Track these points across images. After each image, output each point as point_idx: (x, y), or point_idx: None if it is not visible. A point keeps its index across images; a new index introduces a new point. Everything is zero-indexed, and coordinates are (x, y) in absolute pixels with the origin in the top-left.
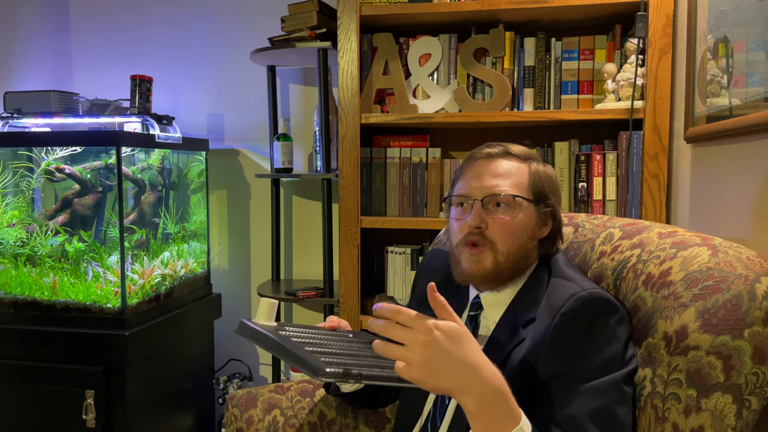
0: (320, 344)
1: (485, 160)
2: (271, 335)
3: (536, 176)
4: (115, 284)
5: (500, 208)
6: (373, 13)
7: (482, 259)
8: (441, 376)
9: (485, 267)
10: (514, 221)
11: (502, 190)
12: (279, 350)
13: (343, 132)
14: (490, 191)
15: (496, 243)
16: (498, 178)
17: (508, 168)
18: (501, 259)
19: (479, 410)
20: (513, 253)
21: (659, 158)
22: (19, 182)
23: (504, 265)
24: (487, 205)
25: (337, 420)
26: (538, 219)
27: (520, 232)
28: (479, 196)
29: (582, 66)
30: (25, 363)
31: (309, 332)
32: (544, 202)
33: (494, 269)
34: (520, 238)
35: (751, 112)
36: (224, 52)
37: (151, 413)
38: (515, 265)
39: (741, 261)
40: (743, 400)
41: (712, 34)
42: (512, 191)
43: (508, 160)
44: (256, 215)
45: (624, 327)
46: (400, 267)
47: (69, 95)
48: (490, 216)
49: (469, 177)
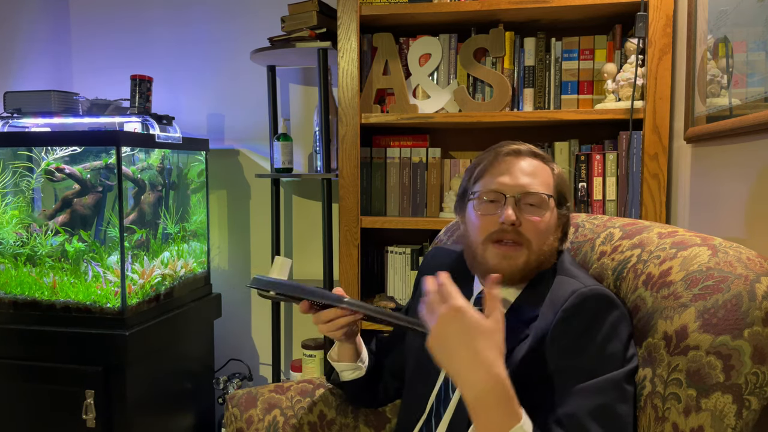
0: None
1: (513, 157)
2: (288, 282)
3: (559, 179)
4: (115, 284)
5: (533, 207)
6: (373, 13)
7: (516, 257)
8: (446, 354)
9: (518, 264)
10: (544, 221)
11: (537, 189)
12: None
13: (343, 132)
14: (526, 189)
15: (531, 242)
16: (529, 176)
17: (536, 167)
18: (533, 258)
19: (476, 403)
20: (543, 252)
21: (659, 158)
22: (18, 182)
23: (533, 264)
24: (520, 203)
25: (337, 420)
26: (557, 221)
27: (548, 232)
28: (512, 192)
29: (582, 66)
30: (25, 363)
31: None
32: (565, 205)
33: (525, 267)
34: (548, 237)
35: (751, 112)
36: (224, 52)
37: (151, 413)
38: (541, 265)
39: (741, 261)
40: (743, 400)
41: (712, 34)
42: (545, 191)
43: (534, 159)
44: (256, 215)
45: (625, 325)
46: (400, 267)
47: (69, 95)
48: (523, 214)
49: (497, 173)
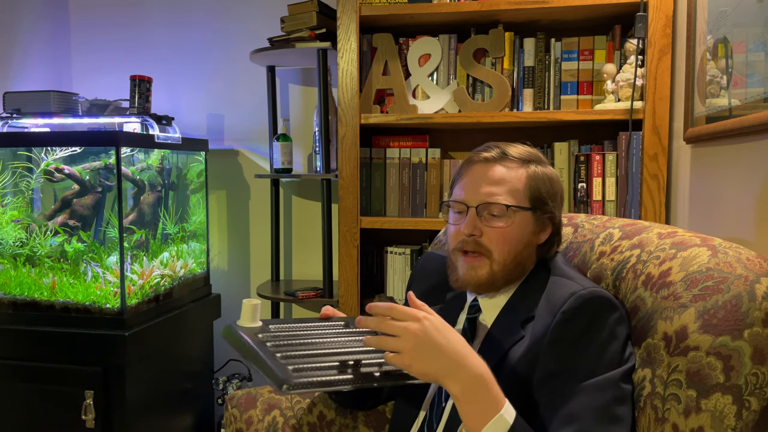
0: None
1: (482, 165)
2: (249, 341)
3: (534, 181)
4: (114, 284)
5: (495, 216)
6: (372, 13)
7: (477, 267)
8: (429, 362)
9: (480, 275)
10: (509, 229)
11: (496, 200)
12: (251, 358)
13: (343, 132)
14: (484, 199)
15: (492, 251)
16: (493, 185)
17: (503, 174)
18: (496, 268)
19: (464, 395)
20: (509, 261)
21: (659, 159)
22: (18, 182)
23: (499, 273)
24: (482, 213)
25: (337, 420)
26: (535, 225)
27: (515, 240)
28: (474, 203)
29: (581, 66)
30: (25, 363)
31: (294, 330)
32: (542, 208)
33: (489, 277)
34: (515, 246)
35: (750, 112)
36: (224, 53)
37: (150, 413)
38: (510, 273)
39: (741, 261)
40: (743, 400)
41: (712, 35)
42: (507, 200)
43: (506, 164)
44: (255, 215)
45: (623, 326)
46: (399, 267)
47: (68, 95)
48: (485, 224)
49: (465, 182)
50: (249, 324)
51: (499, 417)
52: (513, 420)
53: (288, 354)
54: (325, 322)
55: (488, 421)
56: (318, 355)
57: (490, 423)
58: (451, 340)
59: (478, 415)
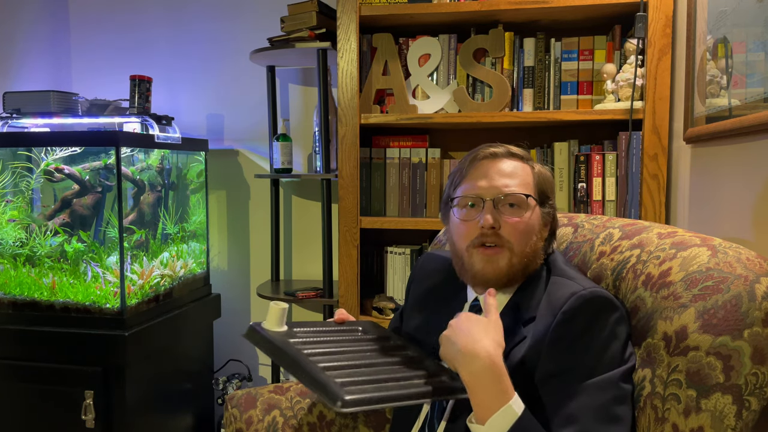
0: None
1: (490, 160)
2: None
3: (539, 177)
4: (114, 284)
5: (512, 208)
6: (372, 13)
7: (498, 259)
8: (449, 343)
9: (501, 266)
10: (525, 221)
11: (514, 190)
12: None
13: (343, 132)
14: (502, 191)
15: (512, 243)
16: (506, 177)
17: (514, 168)
18: (515, 260)
19: (473, 380)
20: (527, 253)
21: (659, 159)
22: (18, 182)
23: (518, 266)
24: (498, 205)
25: (337, 420)
26: (542, 219)
27: (530, 232)
28: (490, 196)
29: (581, 66)
30: (25, 363)
31: (320, 335)
32: (547, 203)
33: (509, 269)
34: (531, 237)
35: (750, 112)
36: (224, 52)
37: (150, 413)
38: (527, 265)
39: (741, 261)
40: (743, 400)
41: (712, 35)
42: (523, 191)
43: (513, 160)
44: (255, 215)
45: (623, 326)
46: (399, 267)
47: (68, 95)
48: (503, 216)
49: (475, 177)
50: (276, 328)
51: (508, 407)
52: (522, 411)
53: (329, 366)
54: (342, 326)
55: (496, 410)
56: (355, 366)
57: (498, 412)
58: (476, 328)
59: (487, 404)
